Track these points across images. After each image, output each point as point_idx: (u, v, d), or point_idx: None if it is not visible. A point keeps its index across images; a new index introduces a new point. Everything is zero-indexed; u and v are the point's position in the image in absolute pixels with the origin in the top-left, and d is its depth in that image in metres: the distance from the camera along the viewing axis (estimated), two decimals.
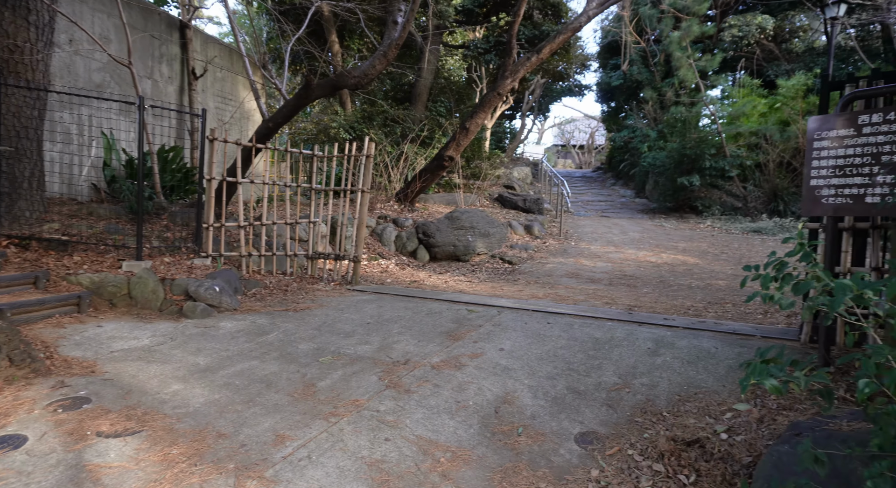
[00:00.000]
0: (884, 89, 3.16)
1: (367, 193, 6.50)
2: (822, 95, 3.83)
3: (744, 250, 9.57)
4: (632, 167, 18.64)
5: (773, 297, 2.13)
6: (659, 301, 5.92)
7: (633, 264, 8.56)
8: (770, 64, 16.37)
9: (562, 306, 5.39)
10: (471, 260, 9.26)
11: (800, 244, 2.34)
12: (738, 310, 5.33)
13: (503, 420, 3.02)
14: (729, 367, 3.56)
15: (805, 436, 2.46)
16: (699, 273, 7.68)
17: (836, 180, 3.31)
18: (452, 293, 6.25)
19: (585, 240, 10.91)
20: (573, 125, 46.95)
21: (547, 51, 8.59)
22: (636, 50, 18.01)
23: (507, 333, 4.40)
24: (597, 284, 7.17)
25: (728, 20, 16.07)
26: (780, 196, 12.92)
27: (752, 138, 13.37)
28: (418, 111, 12.22)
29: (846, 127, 3.26)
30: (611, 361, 3.77)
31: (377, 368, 3.67)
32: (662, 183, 14.46)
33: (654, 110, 16.83)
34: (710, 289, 6.60)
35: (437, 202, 12.56)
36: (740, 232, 11.73)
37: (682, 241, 10.58)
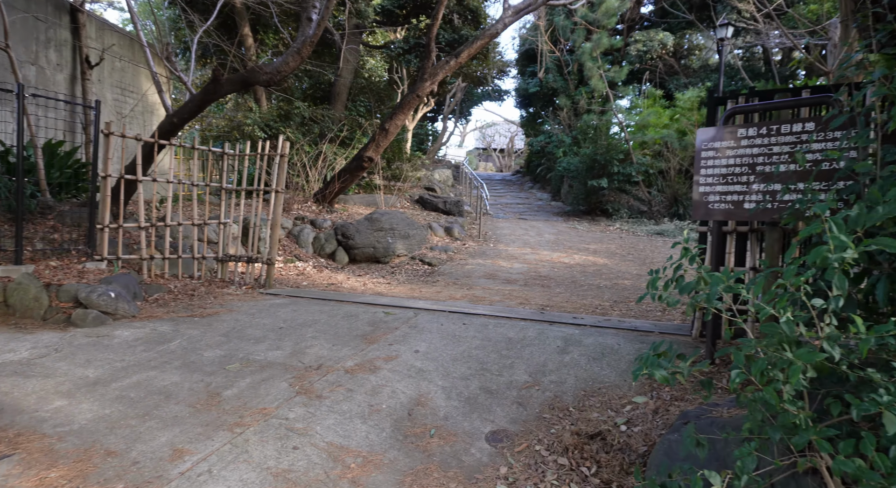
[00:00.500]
0: (758, 106, 3.50)
1: (281, 193, 6.28)
2: (709, 109, 4.18)
3: (648, 251, 10.23)
4: (548, 171, 19.37)
5: (661, 297, 2.28)
6: (570, 300, 6.18)
7: (547, 265, 8.89)
8: (671, 77, 17.65)
9: (478, 307, 5.49)
10: (391, 261, 9.22)
11: (685, 248, 2.54)
12: (641, 307, 5.69)
13: (416, 422, 3.02)
14: (630, 362, 3.78)
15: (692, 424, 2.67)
16: (608, 273, 8.12)
17: (721, 188, 3.61)
18: (370, 295, 6.18)
19: (503, 242, 11.20)
20: (494, 129, 48.09)
21: (465, 55, 8.74)
22: (552, 59, 18.75)
23: (424, 335, 4.42)
24: (513, 285, 7.37)
25: (634, 35, 17.14)
26: (680, 200, 13.94)
27: (656, 146, 14.35)
28: (337, 111, 12.00)
29: (728, 139, 3.58)
30: (523, 360, 3.89)
31: (288, 374, 3.56)
32: (576, 187, 15.15)
33: (568, 117, 17.60)
34: (617, 288, 6.99)
35: (357, 203, 12.40)
36: (645, 234, 12.52)
37: (594, 243, 11.13)
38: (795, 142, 3.29)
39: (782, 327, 1.85)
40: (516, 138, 42.72)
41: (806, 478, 1.86)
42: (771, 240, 3.68)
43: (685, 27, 17.23)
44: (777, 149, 3.37)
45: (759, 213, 3.36)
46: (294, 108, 11.15)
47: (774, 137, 3.38)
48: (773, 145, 3.39)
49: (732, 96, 3.95)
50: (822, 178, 3.16)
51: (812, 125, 3.22)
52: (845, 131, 2.93)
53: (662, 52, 16.75)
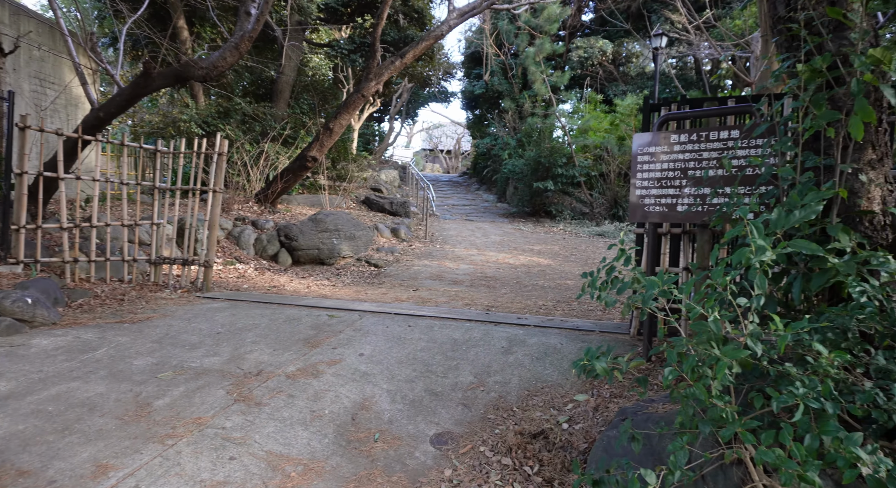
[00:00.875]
0: (689, 114, 3.67)
1: (219, 193, 6.04)
2: (644, 115, 4.35)
3: (590, 252, 10.54)
4: (494, 173, 19.62)
5: (600, 296, 2.34)
6: (515, 301, 6.27)
7: (493, 266, 8.99)
8: (610, 84, 18.29)
9: (424, 308, 5.47)
10: (336, 263, 9.06)
11: (621, 250, 2.62)
12: (583, 307, 5.85)
13: (360, 427, 2.97)
14: (572, 361, 3.86)
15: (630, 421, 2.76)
16: (551, 273, 8.30)
17: (656, 191, 3.76)
18: (314, 298, 6.05)
19: (450, 243, 11.24)
20: (441, 130, 48.29)
21: (410, 56, 8.71)
22: (497, 62, 19.01)
23: (368, 338, 4.36)
24: (459, 286, 7.41)
25: (575, 42, 17.65)
26: (620, 203, 14.46)
27: (597, 150, 14.82)
28: (280, 109, 11.68)
29: (662, 144, 3.73)
30: (468, 361, 3.90)
31: (226, 381, 3.42)
32: (521, 189, 15.43)
33: (513, 120, 17.89)
34: (560, 288, 7.16)
35: (301, 204, 12.11)
36: (588, 235, 12.90)
37: (538, 244, 11.36)
38: (722, 148, 3.47)
39: (710, 325, 1.94)
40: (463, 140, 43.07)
41: (732, 469, 1.95)
42: (702, 242, 3.86)
43: (623, 36, 17.93)
44: (706, 154, 3.54)
45: (690, 216, 3.52)
46: (234, 105, 10.76)
47: (704, 143, 3.55)
48: (702, 151, 3.56)
49: (666, 103, 4.12)
50: (747, 183, 3.35)
51: (737, 132, 3.40)
52: (766, 139, 3.12)
53: (602, 59, 17.34)
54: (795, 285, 2.40)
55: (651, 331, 3.79)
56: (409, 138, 51.12)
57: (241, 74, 12.52)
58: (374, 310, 5.30)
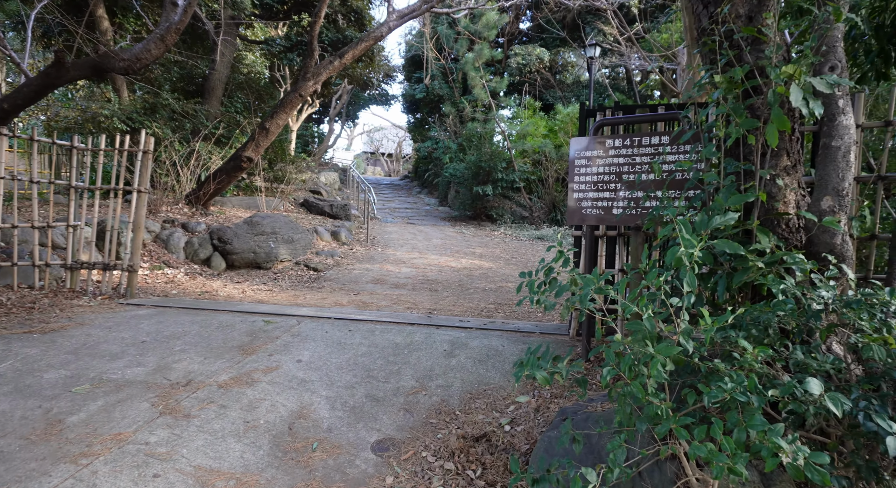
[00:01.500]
0: (622, 119, 3.80)
1: (145, 193, 5.69)
2: (581, 121, 4.47)
3: (530, 255, 10.74)
4: (435, 176, 19.67)
5: (539, 300, 2.37)
6: (457, 304, 6.28)
7: (435, 269, 8.98)
8: (548, 90, 18.79)
9: (365, 313, 5.37)
10: (273, 267, 8.75)
11: (559, 252, 2.66)
12: (524, 309, 5.93)
13: (297, 436, 2.86)
14: (513, 363, 3.90)
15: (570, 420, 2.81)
16: (493, 276, 8.39)
17: (593, 194, 3.87)
18: (249, 303, 5.80)
19: (392, 247, 11.14)
20: (382, 133, 47.94)
21: (350, 56, 8.58)
22: (437, 66, 19.10)
23: (307, 343, 4.22)
24: (401, 289, 7.34)
25: (513, 48, 18.02)
26: (558, 207, 14.85)
27: (535, 155, 15.16)
28: (213, 106, 11.17)
29: (598, 149, 3.84)
30: (410, 365, 3.85)
31: (151, 393, 3.20)
32: (462, 193, 15.54)
33: (454, 124, 18.01)
34: (502, 291, 7.23)
35: (237, 206, 11.64)
36: (527, 238, 13.15)
37: (479, 247, 11.47)
38: (654, 153, 3.61)
39: (644, 324, 2.00)
40: (404, 143, 42.98)
41: (667, 464, 2.00)
42: (635, 244, 4.00)
43: (559, 45, 18.49)
44: (639, 159, 3.68)
45: (625, 219, 3.63)
46: (162, 101, 10.19)
47: (636, 148, 3.69)
48: (635, 156, 3.69)
49: (601, 109, 4.26)
50: (676, 187, 3.50)
51: (667, 139, 3.55)
52: (693, 145, 3.27)
53: (540, 66, 17.80)
54: (720, 283, 2.51)
55: (589, 331, 3.89)
56: (349, 141, 50.45)
57: (169, 69, 11.88)
58: (313, 314, 5.14)
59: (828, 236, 2.63)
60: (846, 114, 2.63)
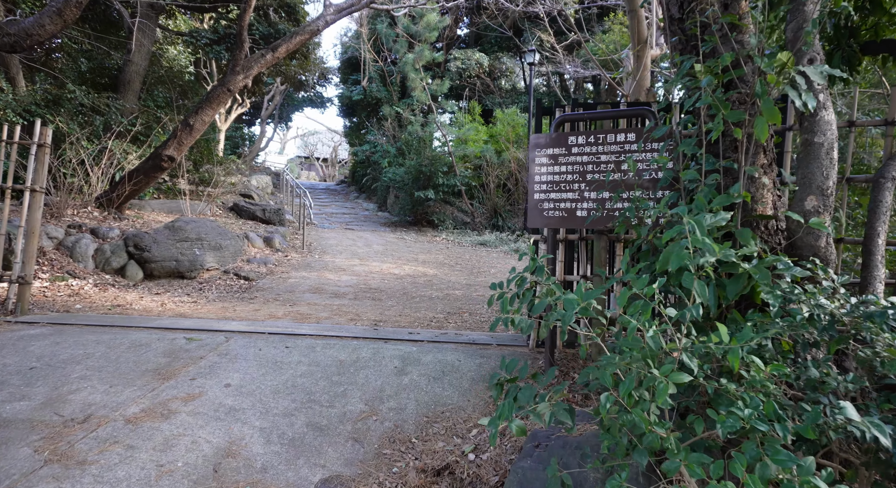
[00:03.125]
0: (586, 115, 3.58)
1: (40, 193, 4.91)
2: (535, 119, 4.22)
3: (474, 261, 10.50)
4: (374, 181, 19.16)
5: (514, 321, 2.05)
6: (404, 314, 5.88)
7: (377, 277, 8.53)
8: (487, 96, 18.79)
9: (303, 326, 4.87)
10: (199, 276, 7.99)
11: (532, 259, 2.36)
12: (475, 318, 5.62)
13: (225, 480, 2.38)
14: (472, 379, 3.56)
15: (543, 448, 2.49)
16: (438, 284, 8.04)
17: (555, 195, 3.61)
18: (169, 318, 5.14)
19: (330, 253, 10.57)
20: (317, 138, 46.75)
21: (283, 50, 8.01)
22: (375, 68, 18.64)
23: (237, 364, 3.70)
24: (342, 299, 6.85)
25: (453, 52, 17.88)
26: (499, 213, 14.76)
27: (477, 160, 15.03)
28: (129, 101, 10.17)
29: (560, 146, 3.59)
30: (357, 386, 3.43)
31: (35, 434, 2.61)
32: (402, 197, 15.14)
33: (393, 128, 17.60)
34: (449, 299, 6.90)
35: (157, 210, 10.67)
36: (470, 244, 12.94)
37: (422, 253, 11.10)
38: (620, 151, 3.40)
39: (649, 342, 1.71)
40: (340, 148, 42.07)
41: None
42: (598, 248, 3.78)
43: (498, 50, 18.55)
44: (605, 157, 3.46)
45: (594, 222, 3.39)
46: (67, 93, 9.12)
47: (602, 146, 3.46)
48: (600, 154, 3.47)
49: (558, 107, 4.03)
50: (645, 187, 3.30)
51: (633, 136, 3.35)
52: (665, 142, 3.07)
53: (479, 71, 17.75)
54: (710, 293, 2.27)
55: (552, 342, 3.61)
56: (282, 144, 48.85)
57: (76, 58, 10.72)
58: (244, 329, 4.59)
59: (812, 238, 2.48)
60: (827, 109, 2.50)
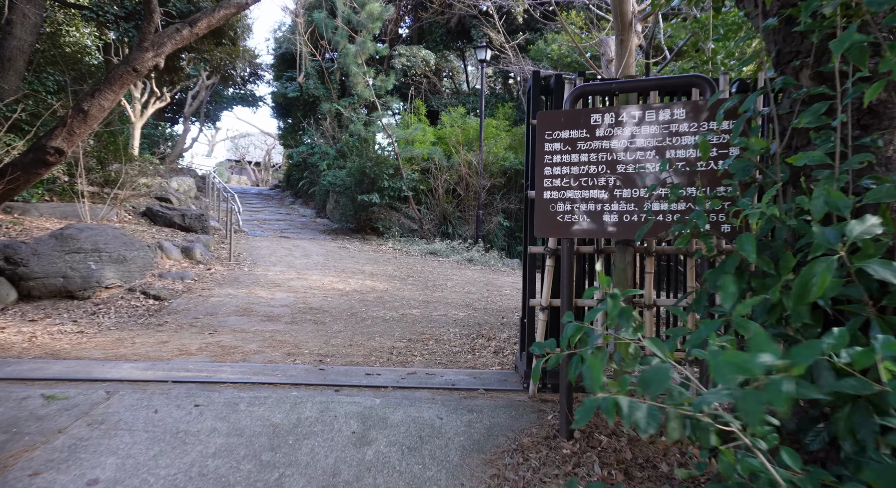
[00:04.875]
0: (614, 85, 2.67)
1: None
2: (531, 97, 3.29)
3: (427, 272, 9.47)
4: (312, 185, 17.76)
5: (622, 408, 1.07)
6: (355, 342, 4.77)
7: (319, 293, 7.33)
8: (434, 96, 17.88)
9: (224, 368, 3.67)
10: (94, 296, 6.50)
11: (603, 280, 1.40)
12: (444, 348, 4.59)
13: None
14: (462, 449, 2.54)
15: None
16: (391, 301, 6.96)
17: (572, 193, 2.67)
18: (30, 361, 3.78)
19: (262, 265, 9.22)
20: (249, 140, 44.22)
21: (204, 25, 6.70)
22: (313, 64, 17.30)
23: (116, 440, 2.50)
24: (276, 323, 5.63)
25: (398, 48, 16.86)
26: (449, 220, 13.83)
27: (425, 163, 14.04)
28: (9, 82, 8.38)
29: (578, 126, 2.67)
30: (299, 469, 2.34)
31: None
32: (344, 202, 13.90)
33: (332, 128, 16.33)
34: (407, 320, 5.84)
35: (48, 215, 8.92)
36: (419, 253, 11.90)
37: (369, 264, 9.96)
38: (664, 133, 2.52)
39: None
40: (274, 152, 39.98)
41: None
42: (622, 264, 2.88)
43: (444, 48, 17.71)
44: (642, 142, 2.56)
45: (624, 229, 2.48)
46: None
47: (638, 127, 2.57)
48: (636, 136, 2.57)
49: (568, 79, 3.12)
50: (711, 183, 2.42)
51: (683, 111, 2.48)
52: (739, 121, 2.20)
53: (426, 70, 16.81)
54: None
55: (570, 390, 2.66)
56: (211, 146, 46.07)
57: None
58: (138, 377, 3.34)
59: None
60: None
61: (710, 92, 2.44)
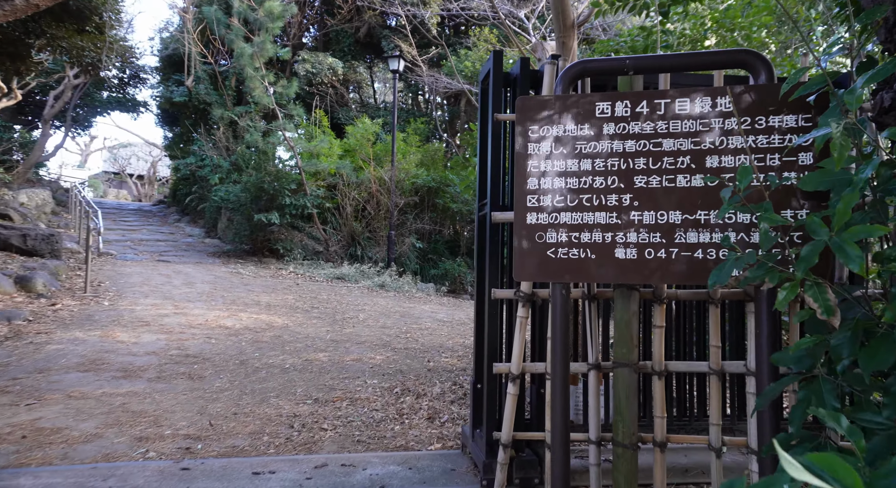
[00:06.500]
0: (629, 62, 1.86)
1: None
2: (494, 82, 2.44)
3: (335, 302, 8.30)
4: (201, 201, 15.79)
5: None
6: (242, 409, 3.58)
7: (200, 333, 5.94)
8: (342, 108, 16.75)
9: (18, 481, 2.37)
10: None
11: None
12: (362, 411, 3.54)
13: None
14: None
15: None
16: (292, 341, 5.75)
17: (569, 217, 1.82)
18: None
19: (129, 297, 7.55)
20: (130, 151, 39.96)
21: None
22: (205, 67, 15.53)
23: None
24: (135, 380, 4.25)
25: (301, 54, 15.58)
26: (358, 241, 12.71)
27: (332, 179, 12.86)
28: None
29: (578, 118, 1.83)
30: None
31: None
32: (238, 221, 12.28)
33: (226, 138, 14.63)
34: (313, 369, 4.70)
35: None
36: (325, 279, 10.66)
37: (265, 293, 8.57)
38: (696, 130, 1.75)
39: None
40: (160, 164, 36.37)
41: None
42: (624, 313, 2.05)
43: (352, 58, 16.68)
44: (670, 143, 1.77)
45: (655, 268, 1.67)
46: None
47: (664, 121, 1.77)
48: (660, 135, 1.77)
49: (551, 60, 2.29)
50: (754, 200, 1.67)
51: (728, 101, 1.72)
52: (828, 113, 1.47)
53: (333, 79, 15.64)
54: None
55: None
56: (84, 156, 41.20)
57: None
58: None
59: None
60: None
61: (767, 74, 1.71)
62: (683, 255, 1.73)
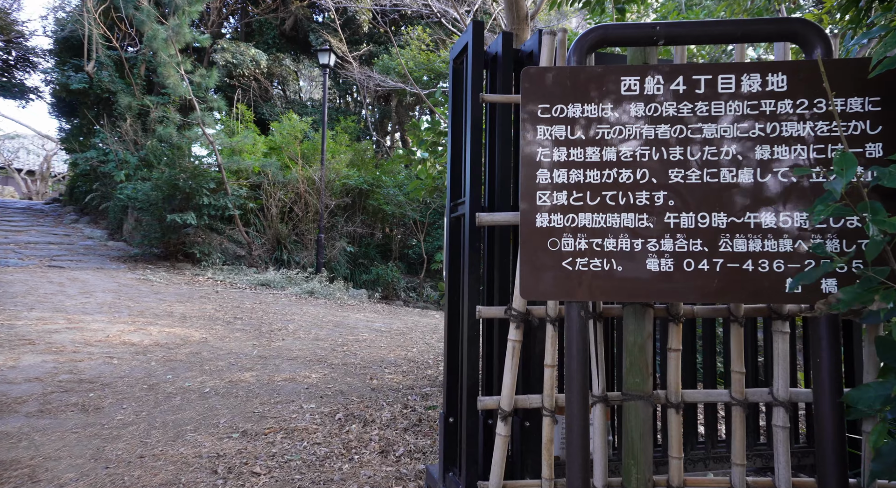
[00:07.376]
0: (660, 30, 1.52)
1: None
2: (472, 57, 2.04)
3: (260, 311, 7.56)
4: (103, 200, 14.24)
5: None
6: (150, 450, 2.93)
7: (99, 353, 5.08)
8: (266, 103, 15.74)
9: None
10: None
11: None
12: (300, 447, 2.99)
13: None
14: None
15: None
16: (212, 358, 5.04)
17: (588, 218, 1.45)
18: None
19: (9, 310, 6.45)
20: (19, 142, 35.94)
21: None
22: (110, 54, 14.03)
23: None
24: (9, 417, 3.45)
25: (221, 42, 14.46)
26: (284, 244, 11.89)
27: (255, 178, 11.95)
28: None
29: (597, 98, 1.47)
30: None
31: None
32: (148, 222, 11.07)
33: (134, 131, 13.26)
34: (238, 393, 4.07)
35: None
36: (248, 286, 9.80)
37: (180, 303, 7.66)
38: (758, 114, 1.44)
39: None
40: (55, 159, 32.99)
41: None
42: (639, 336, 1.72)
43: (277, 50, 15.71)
44: (709, 129, 1.45)
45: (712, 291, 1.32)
46: None
47: (707, 102, 1.45)
48: (701, 120, 1.45)
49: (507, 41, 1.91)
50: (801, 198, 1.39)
51: (784, 78, 1.43)
52: None
53: (256, 72, 14.63)
54: None
55: None
56: None
57: None
58: None
59: None
60: None
61: (824, 49, 1.43)
62: (730, 267, 1.41)
